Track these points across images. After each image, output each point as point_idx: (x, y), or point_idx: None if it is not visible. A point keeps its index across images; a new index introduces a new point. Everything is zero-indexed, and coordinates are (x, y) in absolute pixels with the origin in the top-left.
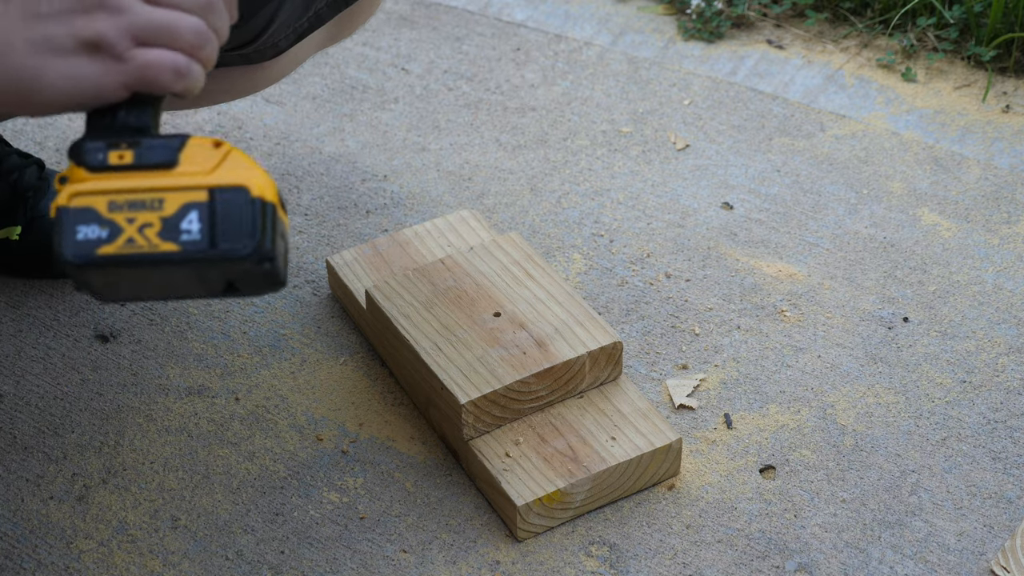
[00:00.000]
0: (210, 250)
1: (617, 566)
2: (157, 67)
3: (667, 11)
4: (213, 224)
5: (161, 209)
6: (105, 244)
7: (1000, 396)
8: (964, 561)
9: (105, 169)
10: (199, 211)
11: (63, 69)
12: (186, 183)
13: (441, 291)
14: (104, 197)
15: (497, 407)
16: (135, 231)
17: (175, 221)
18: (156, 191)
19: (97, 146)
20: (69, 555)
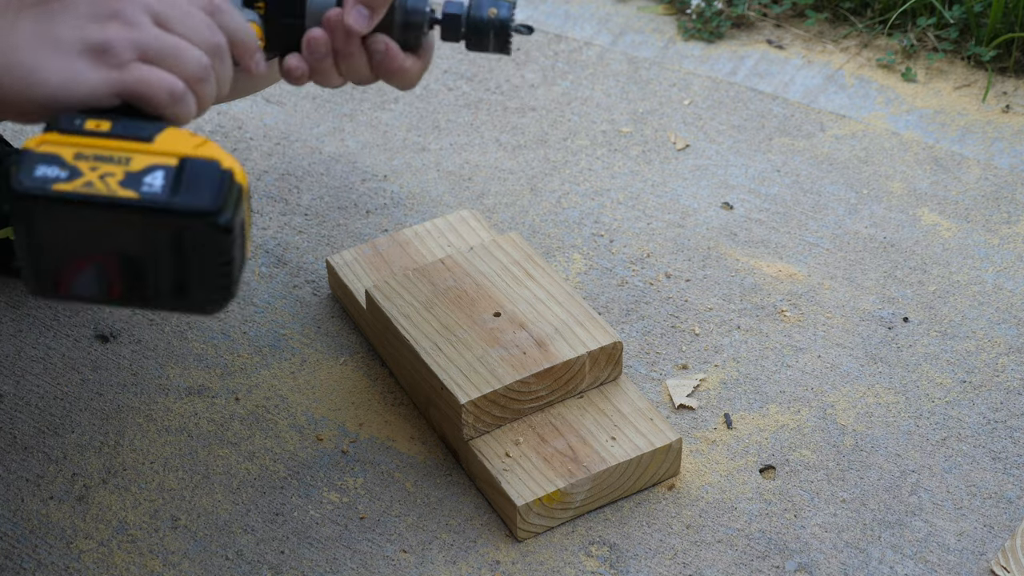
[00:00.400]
0: (169, 199)
1: (617, 566)
2: (155, 84)
3: (667, 11)
4: (178, 183)
5: (127, 164)
6: (62, 182)
7: (1000, 396)
8: (964, 561)
9: (80, 132)
10: (165, 172)
11: (63, 66)
12: (159, 151)
13: (441, 291)
14: (72, 148)
15: (497, 407)
16: (96, 177)
17: (139, 176)
18: (125, 151)
19: (75, 115)
20: (69, 555)
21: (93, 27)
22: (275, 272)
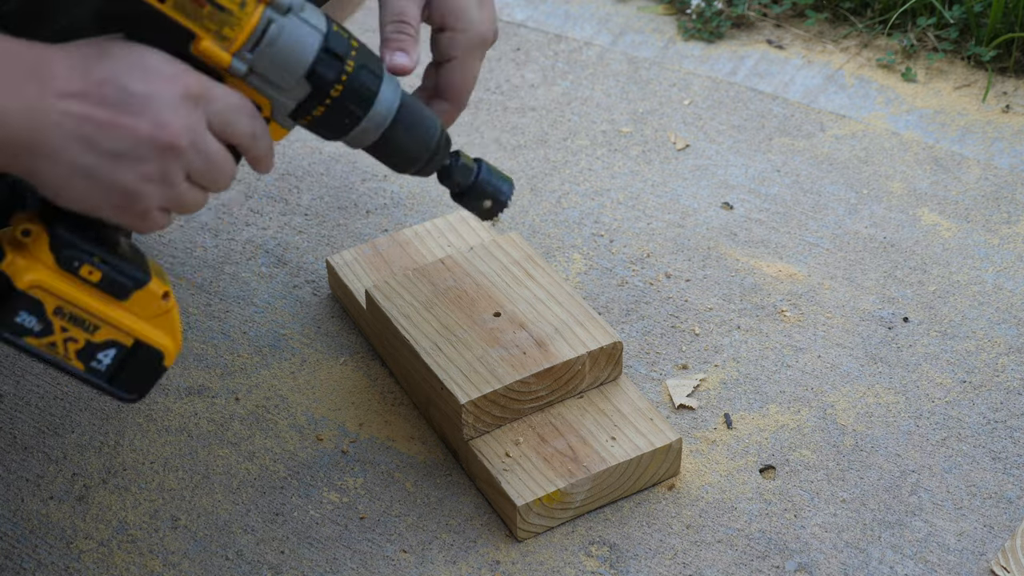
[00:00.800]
0: (104, 384)
1: (617, 566)
2: (159, 226)
3: (667, 11)
4: (121, 368)
5: (92, 334)
6: (33, 337)
7: (1000, 396)
8: (964, 561)
9: (72, 277)
10: (117, 351)
11: (84, 191)
12: (124, 323)
13: (441, 291)
14: (55, 301)
15: (497, 407)
16: (61, 340)
17: (95, 349)
18: (97, 318)
19: (74, 253)
20: (69, 555)
21: (128, 171)
22: (275, 272)
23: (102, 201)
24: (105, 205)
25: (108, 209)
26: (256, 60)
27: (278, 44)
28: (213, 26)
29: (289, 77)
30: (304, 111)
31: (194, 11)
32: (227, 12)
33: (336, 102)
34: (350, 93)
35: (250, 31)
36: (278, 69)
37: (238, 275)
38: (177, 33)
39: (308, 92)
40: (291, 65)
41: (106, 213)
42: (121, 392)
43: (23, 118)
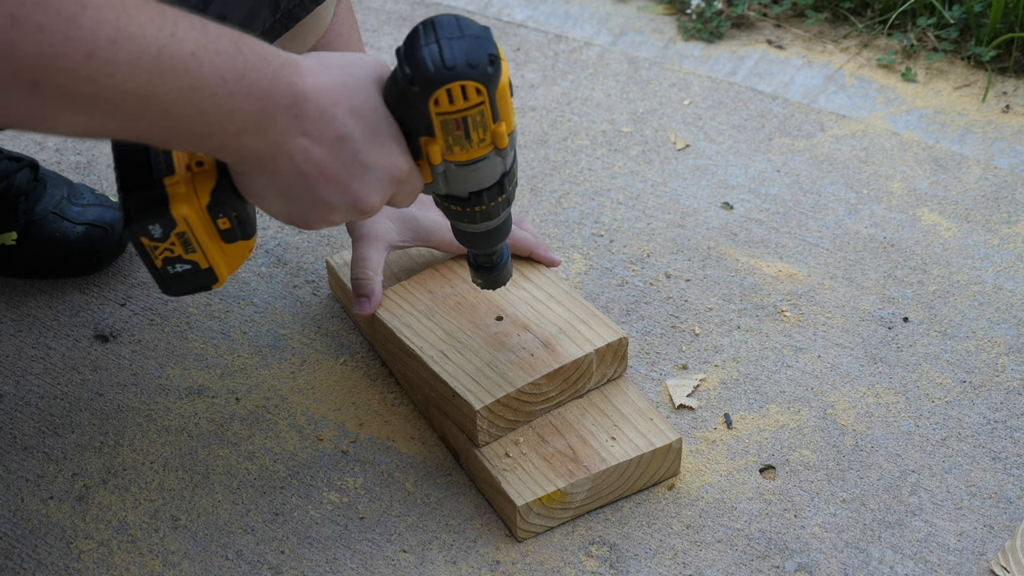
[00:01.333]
0: (164, 280)
1: (617, 566)
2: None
3: (667, 11)
4: (183, 277)
5: (187, 253)
6: (148, 239)
7: (1000, 396)
8: (964, 561)
9: (211, 220)
10: (193, 267)
11: (280, 207)
12: (213, 256)
13: (440, 298)
14: (184, 228)
15: (510, 411)
16: (164, 248)
17: (179, 261)
18: (201, 248)
19: (223, 207)
20: (69, 555)
21: (322, 212)
22: (275, 272)
23: (283, 214)
24: (282, 216)
25: (282, 218)
26: (453, 172)
27: (479, 171)
28: (451, 140)
29: (463, 189)
30: (445, 199)
31: (446, 125)
32: (468, 140)
33: (472, 211)
34: (484, 213)
35: (470, 159)
36: (462, 183)
37: (238, 275)
38: (423, 126)
39: (462, 197)
40: (471, 184)
41: (279, 218)
42: (169, 289)
43: (266, 140)
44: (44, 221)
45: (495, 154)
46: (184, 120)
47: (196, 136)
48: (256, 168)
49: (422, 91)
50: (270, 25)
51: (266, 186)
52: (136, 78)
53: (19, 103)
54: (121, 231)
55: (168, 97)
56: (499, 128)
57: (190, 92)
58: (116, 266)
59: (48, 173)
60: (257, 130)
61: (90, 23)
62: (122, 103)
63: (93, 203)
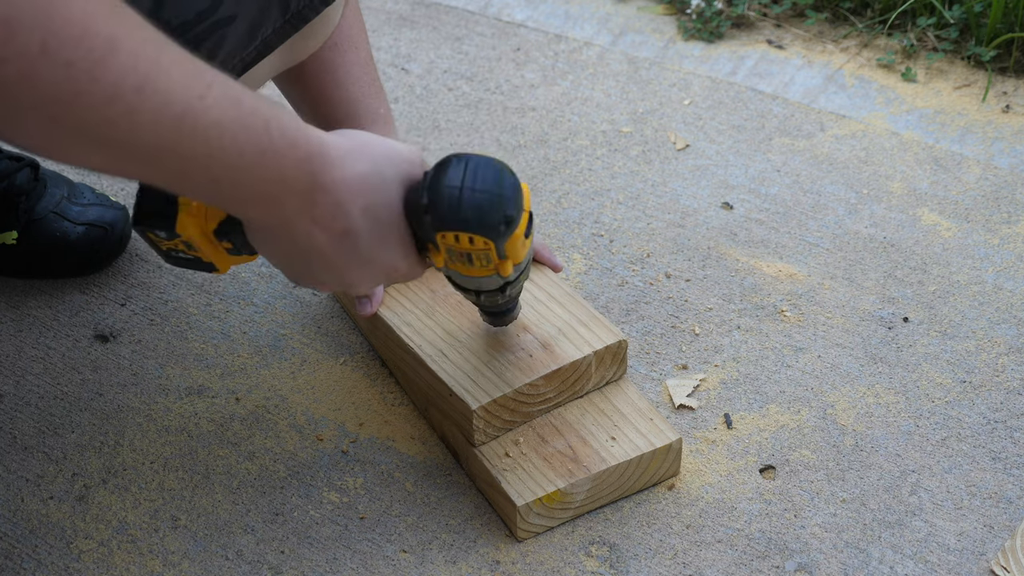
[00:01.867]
0: (169, 263)
1: (617, 566)
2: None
3: (667, 11)
4: (188, 263)
5: (191, 251)
6: (156, 237)
7: (1000, 396)
8: (964, 561)
9: (217, 241)
10: (196, 260)
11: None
12: (215, 258)
13: (440, 297)
14: (189, 241)
15: (507, 411)
16: (170, 246)
17: (185, 253)
18: (204, 253)
19: (228, 236)
20: (69, 555)
21: (317, 282)
22: (275, 272)
23: (279, 267)
24: (278, 267)
25: (277, 267)
26: (454, 275)
27: (480, 282)
28: (454, 259)
29: (464, 287)
30: (451, 282)
31: (451, 252)
32: (471, 266)
33: (476, 299)
34: (489, 304)
35: (474, 275)
36: (463, 283)
37: (238, 275)
38: (431, 241)
39: (467, 289)
40: (471, 286)
41: (274, 266)
42: (173, 265)
43: (274, 216)
44: (44, 220)
45: (498, 276)
46: (197, 180)
47: (207, 196)
48: (262, 231)
49: (433, 224)
50: (280, 25)
51: (267, 245)
52: (155, 132)
53: (36, 131)
54: (122, 229)
55: (184, 157)
56: (504, 264)
57: (206, 159)
58: (116, 266)
59: (48, 173)
60: (265, 206)
61: (118, 68)
62: (138, 151)
63: (93, 203)
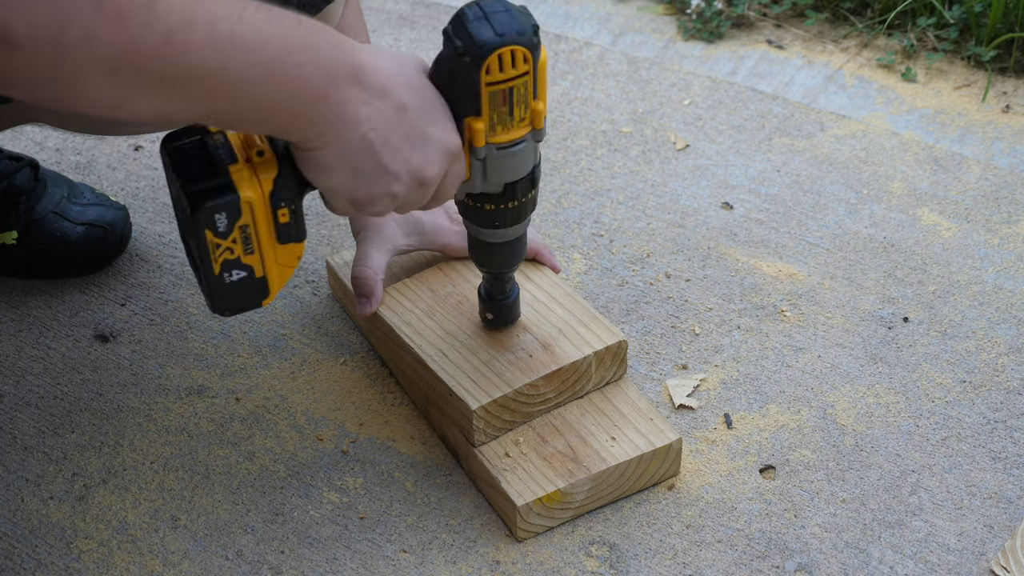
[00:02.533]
0: (218, 290)
1: (617, 566)
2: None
3: (667, 11)
4: (237, 288)
5: (245, 255)
6: (213, 234)
7: (1000, 396)
8: (964, 561)
9: (271, 210)
10: (248, 275)
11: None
12: (268, 260)
13: (441, 297)
14: (247, 220)
15: (507, 411)
16: (225, 247)
17: (236, 266)
18: (259, 247)
19: (285, 195)
20: (69, 555)
21: (386, 184)
22: None
23: (348, 192)
24: (347, 196)
25: (346, 199)
26: (493, 157)
27: (516, 155)
28: (495, 118)
29: (499, 180)
30: (479, 199)
31: (494, 99)
32: (511, 118)
33: (505, 208)
34: (516, 211)
35: (511, 139)
36: (499, 172)
37: None
38: (470, 105)
39: (496, 194)
40: (507, 173)
41: (342, 202)
42: (222, 302)
43: (333, 110)
44: (44, 220)
45: (531, 138)
46: (257, 96)
47: (268, 113)
48: (323, 141)
49: (473, 61)
50: None
51: (334, 159)
52: (210, 58)
53: (97, 88)
54: (121, 229)
55: (240, 74)
56: (538, 106)
57: (260, 67)
58: (116, 266)
59: (48, 173)
60: (325, 100)
61: (166, 9)
62: (198, 83)
63: (93, 203)
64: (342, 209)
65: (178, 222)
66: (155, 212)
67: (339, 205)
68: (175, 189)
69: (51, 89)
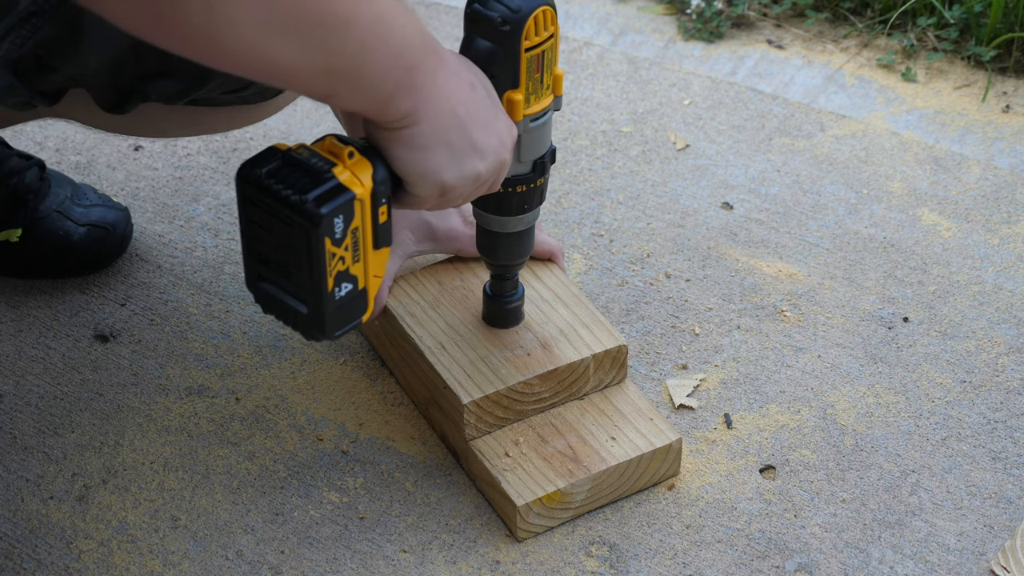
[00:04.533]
0: (328, 310)
1: (617, 566)
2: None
3: (667, 11)
4: (343, 306)
5: (354, 264)
6: (331, 242)
7: (1000, 396)
8: (964, 561)
9: (373, 209)
10: (353, 287)
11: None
12: (368, 269)
13: (448, 290)
14: (357, 222)
15: (500, 408)
16: (339, 256)
17: (346, 279)
18: (364, 253)
19: (384, 191)
20: (69, 555)
21: (473, 163)
22: None
23: (438, 173)
24: (435, 178)
25: (433, 183)
26: (527, 131)
27: (543, 127)
28: (530, 87)
29: (528, 156)
30: (510, 183)
31: (530, 65)
32: (541, 85)
33: (531, 190)
34: (540, 191)
35: (542, 108)
36: (530, 148)
37: (238, 275)
38: (509, 78)
39: (526, 174)
40: (537, 147)
41: (428, 185)
42: (329, 324)
43: (429, 79)
44: (47, 220)
45: (553, 107)
46: (373, 52)
47: (377, 77)
48: (418, 117)
49: (514, 29)
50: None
51: (430, 135)
52: (341, 5)
53: (252, 25)
54: (123, 230)
55: (364, 25)
56: (558, 71)
57: (378, 21)
58: (116, 266)
59: (53, 173)
60: (420, 68)
61: None
62: (332, 28)
63: (96, 203)
64: (428, 198)
65: (256, 261)
66: (155, 212)
67: (427, 193)
68: (271, 211)
69: (207, 17)
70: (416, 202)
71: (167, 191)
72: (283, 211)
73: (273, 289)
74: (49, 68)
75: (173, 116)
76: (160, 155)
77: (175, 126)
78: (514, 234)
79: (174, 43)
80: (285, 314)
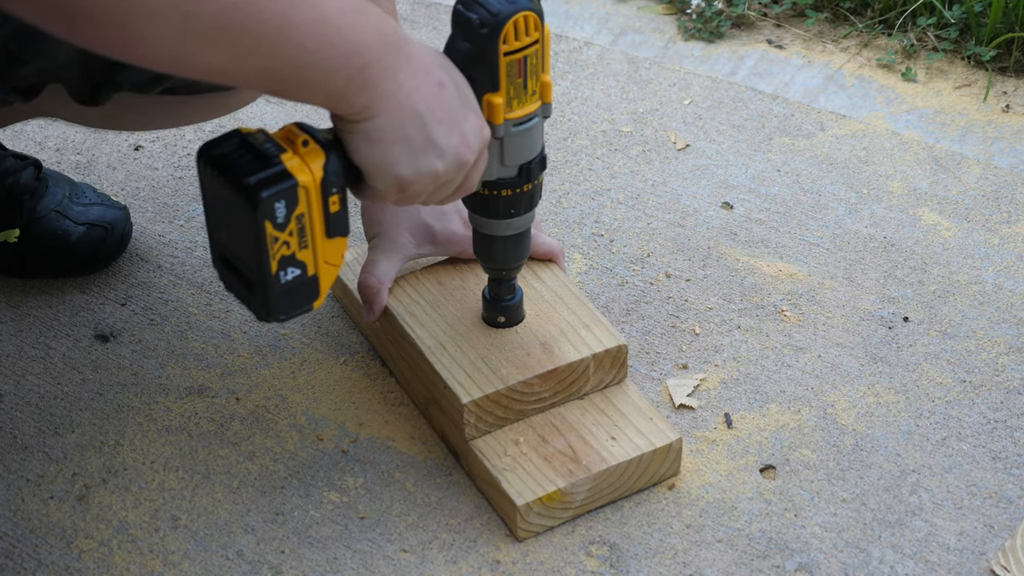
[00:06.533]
0: (273, 294)
1: (617, 566)
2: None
3: (667, 11)
4: (290, 291)
5: (300, 250)
6: (272, 226)
7: (1000, 396)
8: (964, 561)
9: (322, 198)
10: (301, 273)
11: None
12: (318, 255)
13: (448, 290)
14: (303, 208)
15: (500, 407)
16: (282, 241)
17: (291, 263)
18: (312, 240)
19: (335, 181)
20: (69, 555)
21: (431, 161)
22: None
23: (394, 167)
24: (392, 172)
25: (392, 177)
26: (511, 136)
27: (531, 132)
28: (512, 91)
29: (513, 160)
30: (495, 186)
31: (510, 70)
32: (524, 91)
33: (517, 195)
34: (528, 196)
35: (527, 113)
36: (515, 152)
37: None
38: (488, 81)
39: (512, 178)
40: (522, 152)
41: (384, 178)
42: (275, 308)
43: (386, 76)
44: (46, 219)
45: (541, 113)
46: (313, 56)
47: (324, 73)
48: (374, 111)
49: (492, 31)
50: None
51: (386, 129)
52: (274, 11)
53: (164, 34)
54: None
55: (302, 29)
56: (546, 78)
57: (320, 24)
58: (116, 266)
59: (50, 172)
60: (376, 65)
61: None
62: (260, 38)
63: (95, 202)
64: (386, 192)
65: (216, 241)
66: (155, 212)
67: (383, 186)
68: (223, 192)
69: (120, 32)
70: (375, 195)
71: (167, 191)
72: (229, 192)
73: (230, 269)
74: (20, 61)
75: (151, 107)
76: (160, 155)
77: (156, 118)
78: (508, 238)
79: (98, 50)
80: (240, 294)
